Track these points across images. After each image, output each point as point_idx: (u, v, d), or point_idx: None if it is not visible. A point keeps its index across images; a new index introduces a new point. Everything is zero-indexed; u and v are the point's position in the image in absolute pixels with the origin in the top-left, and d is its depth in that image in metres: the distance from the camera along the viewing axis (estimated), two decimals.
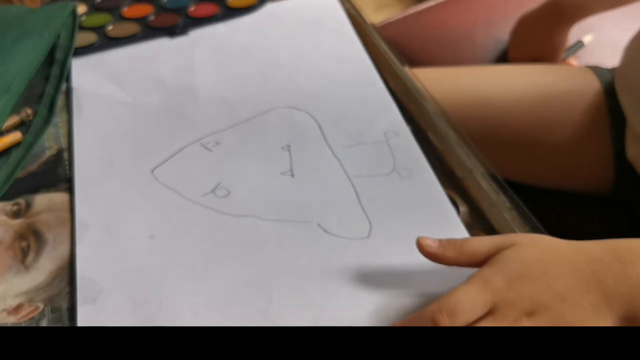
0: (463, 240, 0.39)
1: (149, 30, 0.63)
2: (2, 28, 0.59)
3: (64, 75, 0.57)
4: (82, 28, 0.63)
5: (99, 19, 0.64)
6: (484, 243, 0.39)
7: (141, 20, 0.64)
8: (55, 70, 0.57)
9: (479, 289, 0.36)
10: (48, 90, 0.55)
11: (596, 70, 0.67)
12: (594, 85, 0.66)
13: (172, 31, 0.63)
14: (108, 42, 0.62)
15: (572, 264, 0.37)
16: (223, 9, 0.65)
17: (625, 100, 0.62)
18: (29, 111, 0.53)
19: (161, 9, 0.65)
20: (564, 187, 0.68)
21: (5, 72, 0.55)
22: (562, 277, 0.36)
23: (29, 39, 0.58)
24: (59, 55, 0.59)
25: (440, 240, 0.39)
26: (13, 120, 0.52)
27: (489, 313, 0.36)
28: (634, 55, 0.63)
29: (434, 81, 0.61)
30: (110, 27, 0.63)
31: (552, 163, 0.66)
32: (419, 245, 0.39)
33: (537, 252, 0.37)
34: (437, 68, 0.73)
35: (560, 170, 0.67)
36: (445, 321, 0.35)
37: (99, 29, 0.63)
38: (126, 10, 0.65)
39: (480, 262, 0.38)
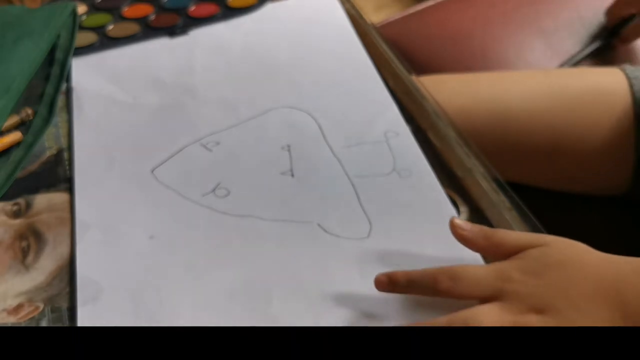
0: (494, 230, 0.39)
1: (149, 30, 0.63)
2: (2, 28, 0.59)
3: (64, 75, 0.57)
4: (82, 28, 0.63)
5: (99, 19, 0.64)
6: (514, 237, 0.39)
7: (141, 20, 0.64)
8: (55, 70, 0.57)
9: (490, 273, 0.36)
10: (48, 90, 0.55)
11: (625, 69, 0.64)
12: (621, 87, 0.63)
13: (172, 31, 0.62)
14: (108, 42, 0.62)
15: (596, 276, 0.36)
16: (223, 9, 0.65)
17: None
18: (29, 111, 0.53)
19: (161, 9, 0.65)
20: (580, 192, 0.67)
21: (5, 72, 0.55)
22: (581, 287, 0.35)
23: (29, 39, 0.58)
24: (59, 55, 0.58)
25: (473, 225, 0.39)
26: (13, 120, 0.52)
27: (496, 299, 0.36)
28: None
29: (450, 93, 0.59)
30: (110, 27, 0.63)
31: (573, 170, 0.65)
32: (451, 225, 0.39)
33: (561, 257, 0.37)
34: (451, 75, 0.71)
35: (581, 177, 0.65)
36: (445, 282, 0.36)
37: (99, 29, 0.63)
38: (126, 10, 0.65)
39: (505, 254, 0.38)
